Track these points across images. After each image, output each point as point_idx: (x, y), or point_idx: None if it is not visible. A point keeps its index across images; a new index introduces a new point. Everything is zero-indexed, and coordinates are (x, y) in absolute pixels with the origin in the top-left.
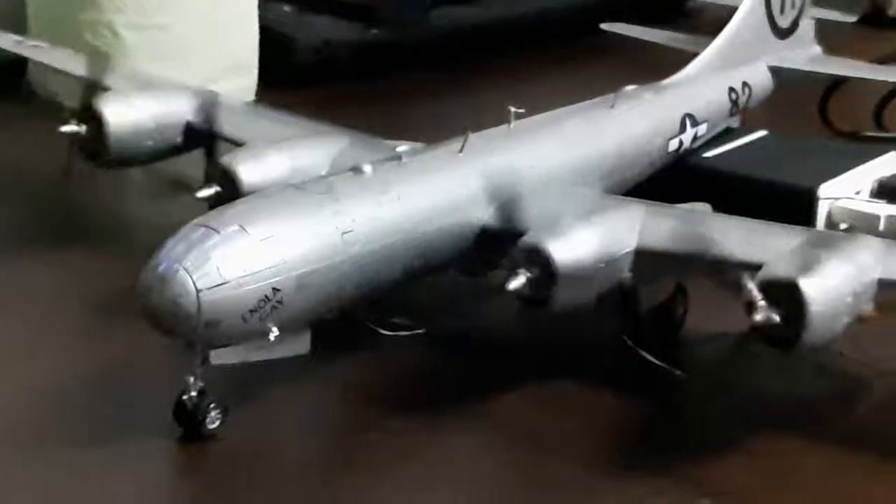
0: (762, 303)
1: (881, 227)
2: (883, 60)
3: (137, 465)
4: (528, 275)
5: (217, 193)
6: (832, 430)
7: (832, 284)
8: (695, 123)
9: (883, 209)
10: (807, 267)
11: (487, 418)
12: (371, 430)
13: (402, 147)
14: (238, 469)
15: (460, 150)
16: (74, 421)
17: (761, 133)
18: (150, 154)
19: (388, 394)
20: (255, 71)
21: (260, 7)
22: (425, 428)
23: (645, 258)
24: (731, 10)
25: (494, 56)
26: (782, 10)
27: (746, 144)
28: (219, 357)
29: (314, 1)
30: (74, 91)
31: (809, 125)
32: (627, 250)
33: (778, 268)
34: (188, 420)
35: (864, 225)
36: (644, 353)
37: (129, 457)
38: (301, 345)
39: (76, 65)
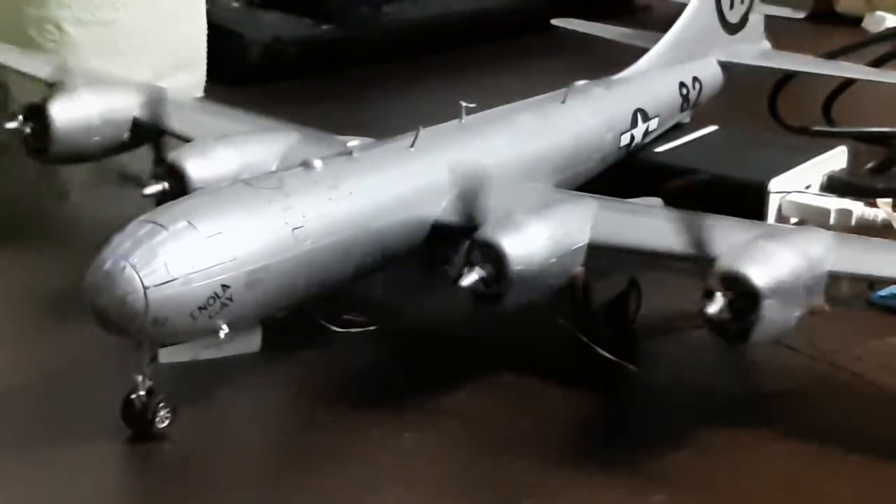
0: (719, 296)
1: (831, 220)
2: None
3: (85, 466)
4: (481, 270)
5: (164, 189)
6: (785, 422)
7: (784, 278)
8: (646, 118)
9: (833, 203)
10: (759, 260)
11: (441, 416)
12: (322, 430)
13: (353, 142)
14: (188, 469)
15: (411, 145)
16: (20, 422)
17: (712, 128)
18: (97, 150)
19: (339, 392)
20: (203, 67)
21: (208, 3)
22: (378, 427)
23: (598, 253)
24: (680, 8)
25: (446, 51)
26: (732, 6)
27: (697, 139)
28: (168, 355)
29: None
30: (20, 87)
31: (759, 120)
32: (580, 245)
33: (730, 261)
34: (137, 420)
35: (814, 219)
36: (597, 348)
37: (77, 458)
38: (251, 342)
39: (21, 61)
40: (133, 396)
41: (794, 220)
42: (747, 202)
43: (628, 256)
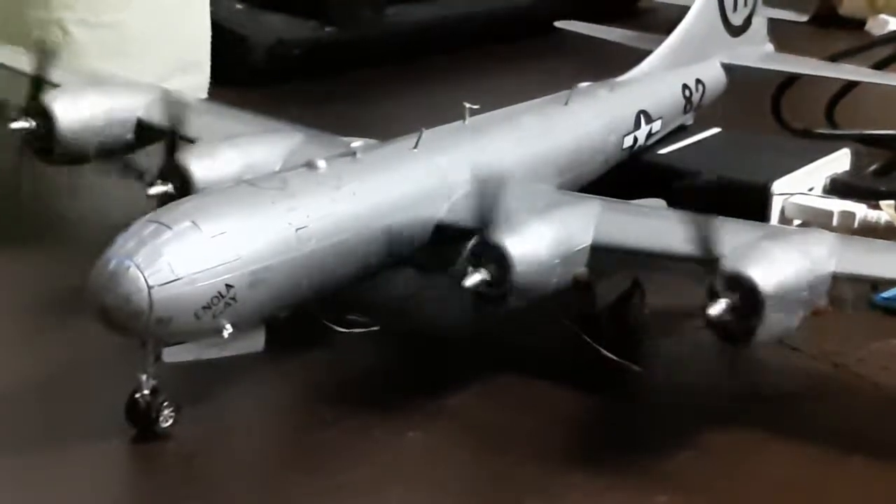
0: (722, 297)
1: (834, 222)
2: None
3: (89, 466)
4: (485, 271)
5: (168, 190)
6: (788, 423)
7: (787, 279)
8: (649, 120)
9: (836, 205)
10: (762, 262)
11: (444, 417)
12: (325, 430)
13: (357, 143)
14: (192, 469)
15: (415, 146)
16: (22, 422)
17: (715, 130)
18: (101, 151)
19: (342, 392)
20: (207, 69)
21: (212, 5)
22: (380, 426)
23: (601, 254)
24: (684, 10)
25: (449, 53)
26: (735, 8)
27: (701, 141)
28: (172, 355)
29: None
30: (23, 89)
31: (763, 122)
32: (583, 246)
33: (733, 263)
34: (141, 419)
35: (817, 221)
36: (601, 349)
37: (80, 458)
38: (255, 342)
39: (25, 62)
40: (137, 395)
41: (797, 222)
42: (750, 204)
43: (632, 257)
